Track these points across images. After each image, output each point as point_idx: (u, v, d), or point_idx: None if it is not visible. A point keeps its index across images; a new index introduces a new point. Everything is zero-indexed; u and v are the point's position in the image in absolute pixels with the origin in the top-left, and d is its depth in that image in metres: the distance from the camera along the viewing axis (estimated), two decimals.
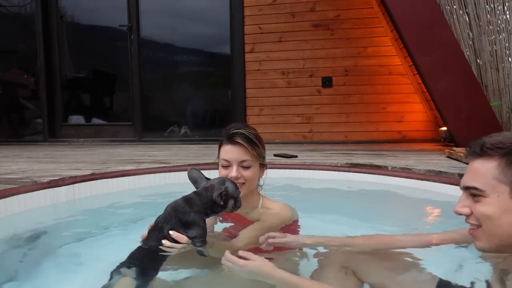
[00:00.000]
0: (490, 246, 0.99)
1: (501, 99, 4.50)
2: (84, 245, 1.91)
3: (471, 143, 1.02)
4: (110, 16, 6.20)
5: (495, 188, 0.96)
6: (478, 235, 1.01)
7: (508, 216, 0.95)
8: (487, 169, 0.97)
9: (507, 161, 0.95)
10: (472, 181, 0.99)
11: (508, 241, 0.96)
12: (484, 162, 0.98)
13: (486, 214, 0.97)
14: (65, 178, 2.56)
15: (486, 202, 0.97)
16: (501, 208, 0.95)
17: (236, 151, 1.50)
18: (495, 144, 0.97)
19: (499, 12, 4.50)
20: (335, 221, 2.17)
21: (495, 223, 0.96)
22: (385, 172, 2.88)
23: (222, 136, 1.56)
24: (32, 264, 1.65)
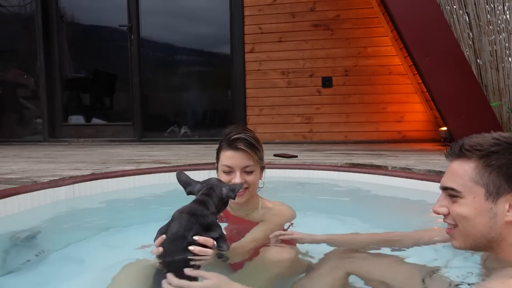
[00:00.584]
0: (465, 245, 1.02)
1: (501, 99, 4.51)
2: (84, 245, 1.91)
3: (452, 143, 1.05)
4: (110, 16, 6.20)
5: (471, 189, 0.98)
6: (454, 234, 1.03)
7: (483, 217, 0.97)
8: (464, 170, 0.99)
9: (484, 163, 0.96)
10: (450, 182, 1.01)
11: (481, 241, 0.99)
12: (462, 164, 1.00)
13: (462, 215, 0.99)
14: (65, 178, 2.56)
15: (462, 203, 0.99)
16: (476, 209, 0.97)
17: (239, 157, 1.48)
18: (474, 146, 0.98)
19: (499, 12, 4.50)
20: (335, 221, 2.17)
21: (470, 223, 0.98)
22: (385, 172, 2.88)
23: (222, 141, 1.53)
24: (32, 264, 1.65)
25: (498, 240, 0.98)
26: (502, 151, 0.96)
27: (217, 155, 1.57)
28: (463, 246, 1.03)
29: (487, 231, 0.97)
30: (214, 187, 1.32)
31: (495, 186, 0.96)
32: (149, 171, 2.96)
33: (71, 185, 2.53)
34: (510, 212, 0.96)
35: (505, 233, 0.97)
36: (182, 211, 1.25)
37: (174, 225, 1.21)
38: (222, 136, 1.53)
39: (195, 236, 1.18)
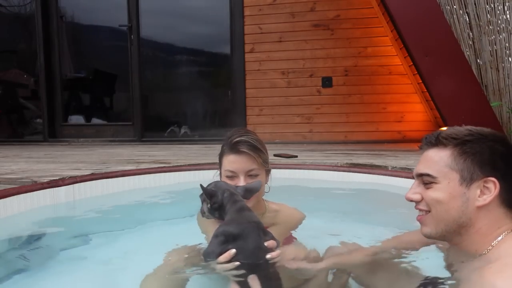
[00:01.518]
0: (436, 231, 1.06)
1: (501, 99, 4.50)
2: (84, 245, 1.91)
3: (426, 135, 1.11)
4: (110, 16, 6.20)
5: (446, 175, 1.03)
6: (426, 220, 1.08)
7: (456, 201, 1.02)
8: (440, 157, 1.04)
9: (460, 150, 1.03)
10: (426, 169, 1.06)
11: (452, 225, 1.04)
12: (438, 151, 1.05)
13: (436, 199, 1.04)
14: (65, 178, 2.56)
15: (437, 188, 1.04)
16: (450, 194, 1.02)
17: (242, 160, 1.42)
18: (450, 135, 1.05)
19: (499, 12, 4.50)
20: (335, 221, 2.17)
21: (444, 207, 1.03)
22: (385, 172, 2.87)
23: (224, 145, 1.48)
24: (32, 264, 1.65)
25: (467, 225, 1.03)
26: (475, 140, 1.02)
27: (219, 160, 1.51)
28: (434, 232, 1.07)
29: (459, 215, 1.03)
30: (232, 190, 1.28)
31: (469, 172, 1.01)
32: (149, 171, 2.95)
33: (71, 185, 2.52)
34: (481, 197, 1.01)
35: (474, 219, 1.02)
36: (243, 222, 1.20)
37: (251, 240, 1.16)
38: (224, 140, 1.49)
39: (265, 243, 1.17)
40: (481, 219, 1.02)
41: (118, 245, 1.94)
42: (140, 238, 2.03)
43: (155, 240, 1.96)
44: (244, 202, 1.26)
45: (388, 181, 2.79)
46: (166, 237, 1.98)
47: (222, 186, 1.30)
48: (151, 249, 1.80)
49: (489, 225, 1.02)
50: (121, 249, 1.85)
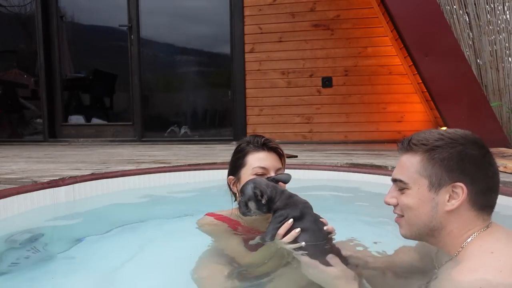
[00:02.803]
0: (411, 233, 1.10)
1: (501, 99, 4.51)
2: (84, 245, 1.91)
3: (403, 138, 1.12)
4: (110, 16, 6.20)
5: (416, 181, 1.05)
6: (401, 223, 1.11)
7: (426, 207, 1.04)
8: (411, 163, 1.06)
9: (429, 156, 1.04)
10: (399, 174, 1.09)
11: (424, 229, 1.06)
12: (410, 157, 1.07)
13: (407, 205, 1.06)
14: (65, 178, 2.56)
15: (408, 194, 1.06)
16: (420, 200, 1.05)
17: (273, 158, 1.43)
18: (420, 141, 1.06)
19: (499, 12, 4.50)
20: (335, 222, 2.16)
21: (414, 213, 1.06)
22: (385, 172, 2.87)
23: (245, 146, 1.44)
24: (32, 264, 1.65)
25: (439, 228, 1.05)
26: (445, 146, 1.03)
27: (238, 163, 1.44)
28: (408, 235, 1.10)
29: (429, 220, 1.05)
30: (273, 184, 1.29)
31: (437, 178, 1.03)
32: (149, 171, 2.95)
33: (71, 185, 2.52)
34: (450, 202, 1.03)
35: (445, 222, 1.04)
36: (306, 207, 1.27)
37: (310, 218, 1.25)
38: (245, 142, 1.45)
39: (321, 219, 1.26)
40: (452, 222, 1.04)
41: (118, 245, 1.94)
42: (140, 238, 2.03)
43: (155, 240, 1.96)
44: (288, 190, 1.30)
45: (388, 181, 2.78)
46: (167, 237, 1.99)
47: (262, 182, 1.29)
48: (151, 249, 1.80)
49: (459, 227, 1.04)
50: (121, 249, 1.85)
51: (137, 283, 1.50)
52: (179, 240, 1.81)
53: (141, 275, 1.54)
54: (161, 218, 2.33)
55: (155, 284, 1.47)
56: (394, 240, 1.46)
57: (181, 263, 1.46)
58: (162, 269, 1.52)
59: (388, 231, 1.96)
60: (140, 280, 1.51)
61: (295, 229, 1.19)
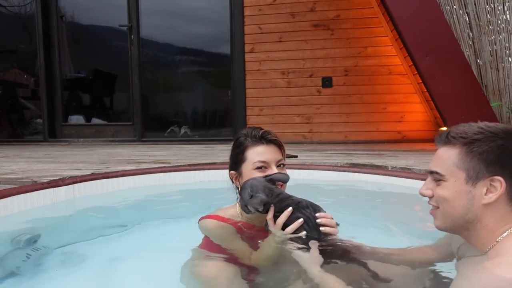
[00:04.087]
0: (445, 225, 1.10)
1: (501, 99, 4.51)
2: (83, 246, 1.91)
3: (441, 131, 1.13)
4: (110, 16, 6.20)
5: (453, 173, 1.06)
6: (436, 215, 1.12)
7: (462, 199, 1.05)
8: (449, 156, 1.07)
9: (467, 149, 1.04)
10: (435, 166, 1.10)
11: (459, 221, 1.07)
12: (448, 150, 1.08)
13: (443, 196, 1.07)
14: (65, 178, 2.56)
15: (444, 186, 1.07)
16: (456, 192, 1.05)
17: (272, 150, 1.41)
18: (459, 134, 1.06)
19: (499, 12, 4.50)
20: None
21: (450, 204, 1.07)
22: (385, 172, 2.87)
23: (243, 141, 1.43)
24: (32, 264, 1.65)
25: (474, 221, 1.05)
26: (484, 139, 1.03)
27: (238, 158, 1.42)
28: (442, 226, 1.11)
29: (464, 212, 1.05)
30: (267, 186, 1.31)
31: (475, 171, 1.03)
32: (149, 171, 2.95)
33: (71, 185, 2.52)
34: (487, 196, 1.03)
35: (481, 215, 1.04)
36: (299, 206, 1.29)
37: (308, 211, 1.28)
38: (243, 136, 1.44)
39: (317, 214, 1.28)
40: (488, 216, 1.04)
41: (118, 245, 1.94)
42: (141, 238, 2.03)
43: (156, 240, 1.96)
44: (284, 192, 1.32)
45: (388, 181, 2.79)
46: (167, 237, 1.99)
47: (258, 186, 1.29)
48: (151, 249, 1.80)
49: (495, 221, 1.04)
50: (121, 249, 1.85)
51: (137, 283, 1.50)
52: (179, 240, 1.81)
53: (141, 275, 1.54)
54: (161, 218, 2.33)
55: (155, 284, 1.47)
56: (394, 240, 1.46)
57: (181, 263, 1.46)
58: (162, 269, 1.52)
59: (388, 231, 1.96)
60: (140, 280, 1.51)
61: (298, 220, 1.23)
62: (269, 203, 1.27)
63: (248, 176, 1.37)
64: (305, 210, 1.27)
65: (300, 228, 1.23)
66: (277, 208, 1.27)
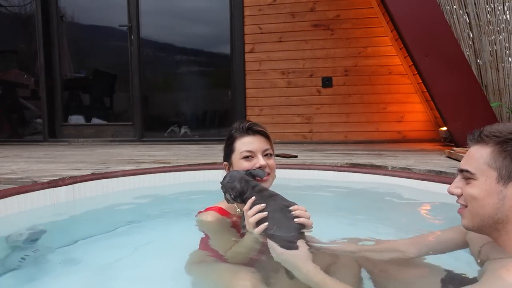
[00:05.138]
0: (473, 224, 1.08)
1: (501, 99, 4.51)
2: (83, 246, 1.91)
3: (474, 130, 1.11)
4: (110, 16, 6.20)
5: (484, 172, 1.04)
6: (464, 214, 1.10)
7: (492, 198, 1.03)
8: (481, 154, 1.05)
9: (500, 148, 1.03)
10: (466, 165, 1.08)
11: (488, 221, 1.05)
12: (480, 148, 1.06)
13: (472, 195, 1.06)
14: (65, 178, 2.56)
15: (474, 184, 1.06)
16: (486, 191, 1.04)
17: (258, 140, 1.50)
18: (492, 132, 1.05)
19: (499, 12, 4.50)
20: (335, 221, 2.17)
21: (480, 203, 1.05)
22: (385, 172, 2.87)
23: (233, 133, 1.53)
24: (32, 264, 1.65)
25: (504, 221, 1.04)
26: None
27: (228, 149, 1.53)
28: (470, 226, 1.09)
29: (494, 212, 1.03)
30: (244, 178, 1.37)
31: (507, 171, 1.01)
32: (149, 171, 2.95)
33: (71, 185, 2.52)
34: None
35: (511, 216, 1.03)
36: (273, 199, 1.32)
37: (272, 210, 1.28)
38: (234, 129, 1.53)
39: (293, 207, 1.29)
40: None
41: (118, 245, 1.94)
42: (140, 238, 2.03)
43: (156, 240, 1.96)
44: (261, 184, 1.38)
45: (388, 181, 2.79)
46: (167, 237, 1.99)
47: (236, 176, 1.39)
48: (151, 249, 1.80)
49: None
50: (121, 249, 1.85)
51: (137, 283, 1.50)
52: (180, 240, 1.81)
53: (141, 275, 1.54)
54: (161, 218, 2.33)
55: (155, 284, 1.47)
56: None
57: (181, 263, 1.46)
58: (162, 268, 1.52)
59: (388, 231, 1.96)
60: (140, 280, 1.51)
61: (262, 212, 1.25)
62: (242, 192, 1.34)
63: (237, 165, 1.49)
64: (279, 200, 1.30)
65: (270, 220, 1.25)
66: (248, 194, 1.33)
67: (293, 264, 1.18)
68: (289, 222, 1.25)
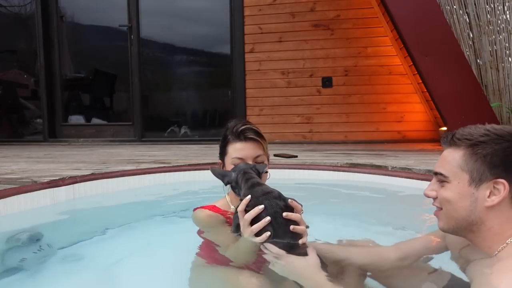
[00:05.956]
0: (448, 226, 1.10)
1: (501, 99, 4.51)
2: (84, 246, 1.91)
3: (446, 133, 1.13)
4: (110, 16, 6.20)
5: (457, 175, 1.05)
6: (440, 216, 1.12)
7: (465, 201, 1.05)
8: (453, 157, 1.07)
9: (471, 151, 1.04)
10: (440, 168, 1.10)
11: (463, 223, 1.07)
12: (453, 151, 1.08)
13: (446, 198, 1.07)
14: (65, 178, 2.56)
15: (448, 187, 1.07)
16: (459, 194, 1.05)
17: (249, 147, 1.45)
18: (464, 135, 1.06)
19: (499, 12, 4.50)
20: (335, 221, 2.17)
21: (453, 206, 1.06)
22: (385, 172, 2.87)
23: (227, 135, 1.49)
24: (32, 264, 1.65)
25: (478, 223, 1.05)
26: (489, 141, 1.03)
27: (222, 150, 1.51)
28: (446, 228, 1.11)
29: (467, 214, 1.05)
30: (247, 170, 1.32)
31: (478, 173, 1.03)
32: (149, 171, 2.96)
33: (71, 185, 2.52)
34: (490, 198, 1.03)
35: (485, 218, 1.04)
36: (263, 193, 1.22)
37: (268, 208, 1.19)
38: (227, 130, 1.50)
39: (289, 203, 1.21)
40: (492, 218, 1.04)
41: (117, 245, 1.94)
42: (141, 238, 2.03)
43: (156, 240, 1.96)
44: (257, 179, 1.30)
45: (388, 181, 2.79)
46: (167, 237, 1.99)
47: (240, 167, 1.35)
48: (151, 249, 1.80)
49: (501, 224, 1.04)
50: (121, 249, 1.85)
51: (137, 283, 1.50)
52: (180, 240, 1.81)
53: (141, 275, 1.54)
54: (161, 218, 2.33)
55: (155, 283, 1.47)
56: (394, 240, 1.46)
57: (181, 263, 1.46)
58: (162, 269, 1.52)
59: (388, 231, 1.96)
60: (140, 280, 1.51)
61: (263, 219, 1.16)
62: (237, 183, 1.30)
63: (228, 168, 1.45)
64: (273, 200, 1.20)
65: (267, 226, 1.17)
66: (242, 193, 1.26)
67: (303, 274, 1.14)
68: (279, 228, 1.17)
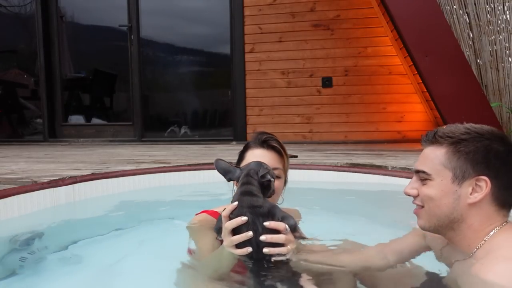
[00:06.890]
0: (429, 225, 1.11)
1: (501, 99, 4.51)
2: (83, 246, 1.91)
3: (426, 132, 1.14)
4: (110, 16, 6.20)
5: (440, 172, 1.06)
6: (420, 214, 1.12)
7: (448, 198, 1.06)
8: (436, 155, 1.08)
9: (454, 149, 1.05)
10: (422, 165, 1.10)
11: (444, 221, 1.07)
12: (435, 149, 1.09)
13: (429, 195, 1.08)
14: (65, 178, 2.56)
15: (430, 185, 1.08)
16: (442, 191, 1.06)
17: (270, 156, 1.39)
18: (446, 133, 1.08)
19: (499, 12, 4.50)
20: (335, 222, 2.17)
21: (436, 204, 1.07)
22: (385, 172, 2.87)
23: (250, 142, 1.45)
24: (32, 264, 1.65)
25: (459, 221, 1.06)
26: (471, 139, 1.05)
27: (241, 155, 1.46)
28: (427, 226, 1.11)
29: (450, 211, 1.06)
30: (251, 173, 1.21)
31: (461, 171, 1.04)
32: (149, 171, 2.95)
33: (71, 185, 2.52)
34: (472, 195, 1.04)
35: (466, 215, 1.05)
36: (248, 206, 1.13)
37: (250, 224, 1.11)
38: (252, 138, 1.46)
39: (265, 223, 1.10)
40: (473, 215, 1.05)
41: (118, 245, 1.94)
42: (140, 238, 2.03)
43: (156, 240, 1.96)
44: (252, 187, 1.18)
45: (388, 181, 2.79)
46: (167, 237, 1.99)
47: (249, 166, 1.25)
48: (151, 249, 1.80)
49: (481, 221, 1.05)
50: (121, 249, 1.85)
51: (137, 283, 1.50)
52: (180, 240, 1.81)
53: (141, 275, 1.54)
54: (161, 218, 2.33)
55: (155, 284, 1.47)
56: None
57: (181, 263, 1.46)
58: (162, 269, 1.52)
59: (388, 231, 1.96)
60: (140, 280, 1.51)
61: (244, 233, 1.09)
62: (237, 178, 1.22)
63: None
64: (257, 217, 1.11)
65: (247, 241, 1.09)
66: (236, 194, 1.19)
67: None
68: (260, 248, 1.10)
